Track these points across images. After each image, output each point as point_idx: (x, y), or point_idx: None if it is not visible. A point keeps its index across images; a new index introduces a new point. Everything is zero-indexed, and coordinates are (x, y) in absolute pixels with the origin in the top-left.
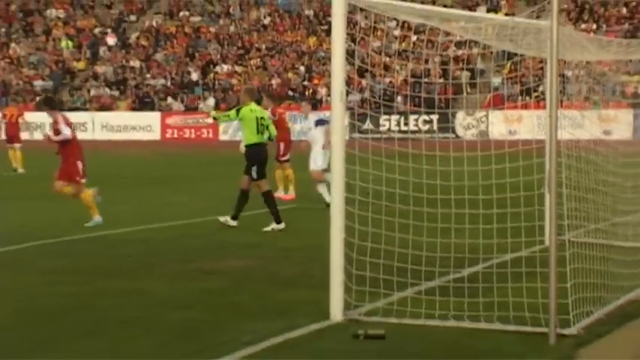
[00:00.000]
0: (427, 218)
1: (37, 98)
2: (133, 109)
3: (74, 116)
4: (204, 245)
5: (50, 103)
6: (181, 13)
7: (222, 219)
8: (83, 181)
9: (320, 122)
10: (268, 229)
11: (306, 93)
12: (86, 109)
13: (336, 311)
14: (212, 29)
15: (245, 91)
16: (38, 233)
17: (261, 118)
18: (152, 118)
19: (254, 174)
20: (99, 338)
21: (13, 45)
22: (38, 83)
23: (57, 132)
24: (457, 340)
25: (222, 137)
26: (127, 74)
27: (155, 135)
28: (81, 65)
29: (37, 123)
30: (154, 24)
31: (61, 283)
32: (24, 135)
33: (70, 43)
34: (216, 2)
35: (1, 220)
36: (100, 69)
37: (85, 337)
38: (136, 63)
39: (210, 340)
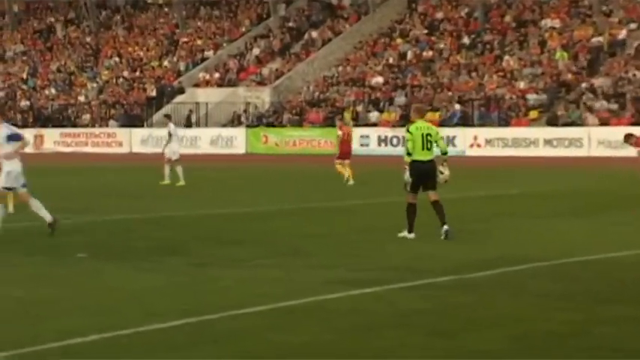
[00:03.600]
0: None
1: (530, 113)
2: (633, 123)
3: (567, 132)
4: None
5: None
6: None
7: (400, 234)
8: None
9: (14, 137)
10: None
11: None
12: (581, 125)
13: None
14: None
15: (414, 109)
16: (530, 255)
17: (428, 134)
18: None
19: (406, 186)
20: None
21: (506, 57)
22: (532, 97)
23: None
24: None
25: None
26: (625, 87)
27: None
28: (576, 78)
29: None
30: None
31: (555, 308)
32: None
33: (565, 55)
34: None
35: (493, 240)
36: (597, 81)
37: None
38: (636, 74)
39: None
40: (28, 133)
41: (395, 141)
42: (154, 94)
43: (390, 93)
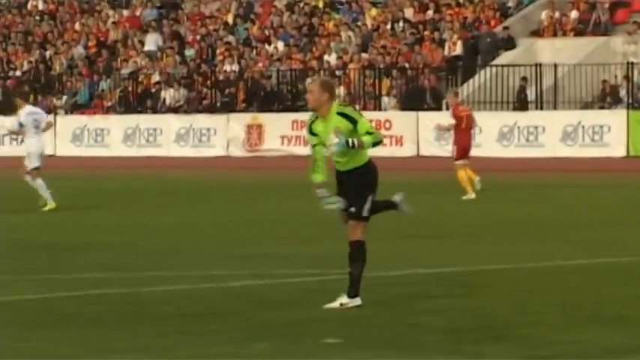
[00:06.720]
0: None
1: None
2: None
3: None
4: None
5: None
6: None
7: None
8: None
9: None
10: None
11: None
12: None
13: None
14: None
15: (320, 85)
16: None
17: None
18: None
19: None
20: None
21: None
22: None
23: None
24: None
25: None
26: None
27: None
28: None
29: None
30: None
31: None
32: None
33: None
34: None
35: None
36: None
37: None
38: None
39: None
40: (235, 122)
41: None
42: (458, 50)
43: None
